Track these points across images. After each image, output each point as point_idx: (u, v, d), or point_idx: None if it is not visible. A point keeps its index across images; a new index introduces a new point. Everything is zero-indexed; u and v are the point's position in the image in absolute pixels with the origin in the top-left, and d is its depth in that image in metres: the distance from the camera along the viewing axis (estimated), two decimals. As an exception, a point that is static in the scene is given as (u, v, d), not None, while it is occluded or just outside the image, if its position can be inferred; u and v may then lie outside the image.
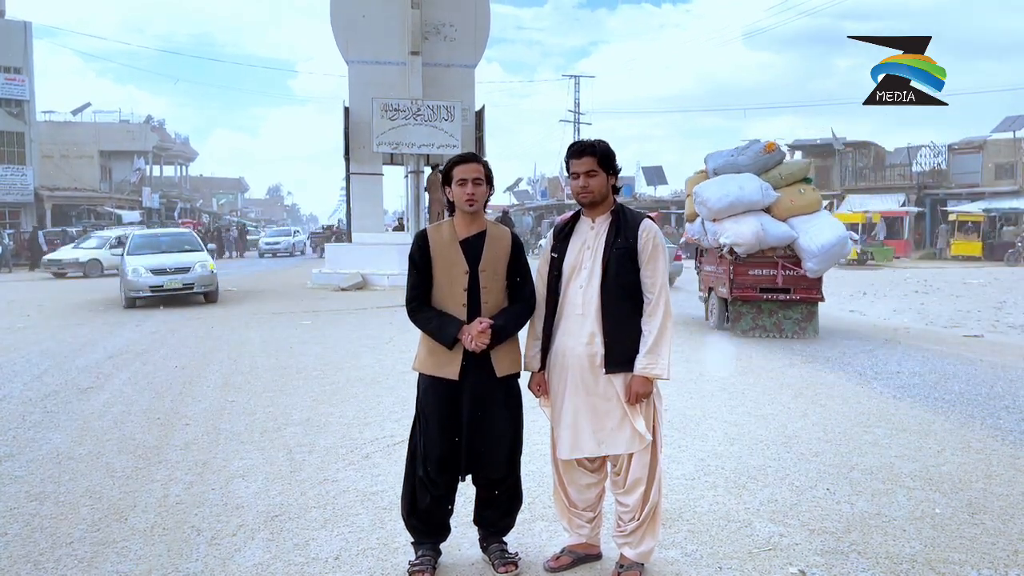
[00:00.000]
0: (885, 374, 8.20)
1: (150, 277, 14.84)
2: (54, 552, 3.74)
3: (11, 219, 37.15)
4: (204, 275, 15.37)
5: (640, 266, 3.25)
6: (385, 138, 18.81)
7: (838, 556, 3.60)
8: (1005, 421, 6.18)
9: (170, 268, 15.08)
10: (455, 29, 20.34)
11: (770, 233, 10.11)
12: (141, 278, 14.78)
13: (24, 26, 38.52)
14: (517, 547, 3.59)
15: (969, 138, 42.03)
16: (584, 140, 3.41)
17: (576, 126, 51.32)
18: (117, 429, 5.97)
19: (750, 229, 10.00)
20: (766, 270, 10.34)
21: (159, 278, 14.88)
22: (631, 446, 3.26)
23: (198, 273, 15.26)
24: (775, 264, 10.30)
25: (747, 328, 10.62)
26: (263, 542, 3.81)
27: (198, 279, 15.23)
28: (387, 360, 8.77)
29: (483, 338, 3.23)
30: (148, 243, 16.82)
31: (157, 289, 14.82)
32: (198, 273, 15.26)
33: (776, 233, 10.14)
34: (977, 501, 4.33)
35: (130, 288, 14.82)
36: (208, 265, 15.59)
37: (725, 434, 5.69)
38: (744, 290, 10.44)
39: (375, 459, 5.09)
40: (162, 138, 53.83)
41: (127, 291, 14.91)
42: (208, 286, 15.47)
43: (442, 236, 3.37)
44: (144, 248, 16.25)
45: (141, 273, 14.84)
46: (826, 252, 10.04)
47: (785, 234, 10.16)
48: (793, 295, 10.40)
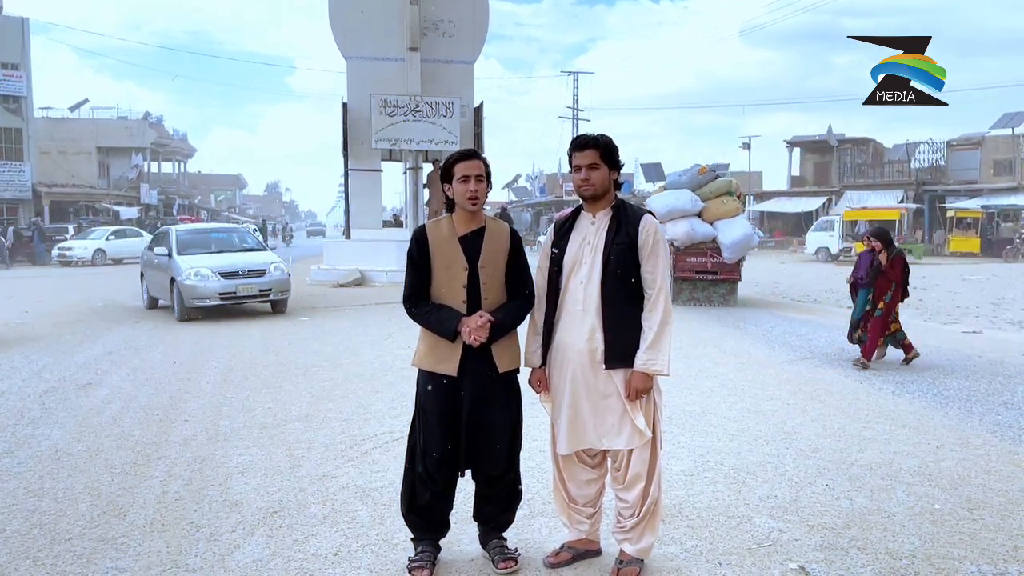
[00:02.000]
0: (884, 370, 8.21)
1: (218, 281, 12.08)
2: (53, 548, 3.73)
3: (9, 215, 37.11)
4: (281, 279, 12.81)
5: (641, 262, 3.24)
6: (384, 134, 18.77)
7: (837, 552, 3.60)
8: (1004, 417, 6.19)
9: (243, 271, 12.48)
10: (454, 25, 20.29)
11: (697, 232, 13.81)
12: (207, 282, 11.99)
13: (21, 22, 38.42)
14: (517, 543, 3.59)
15: (968, 134, 42.09)
16: (587, 134, 3.41)
17: (575, 123, 51.29)
18: (116, 425, 5.96)
19: (682, 229, 13.75)
20: (699, 258, 14.00)
21: (231, 282, 12.18)
22: (631, 442, 3.26)
23: (275, 277, 12.69)
24: (706, 253, 13.95)
25: (685, 300, 14.05)
26: (262, 538, 3.80)
27: (275, 284, 12.69)
28: (386, 356, 8.76)
29: (482, 332, 3.22)
30: (198, 240, 13.75)
31: (228, 296, 12.20)
32: (275, 277, 12.69)
33: (702, 231, 13.85)
34: (976, 497, 4.34)
35: (192, 295, 11.93)
36: (283, 267, 13.09)
37: (724, 430, 5.70)
38: (684, 272, 14.06)
39: (374, 455, 5.09)
40: (160, 135, 53.73)
41: (187, 298, 11.94)
42: (284, 292, 12.90)
43: (441, 232, 3.36)
44: (194, 247, 13.20)
45: (207, 276, 12.02)
46: (736, 245, 13.74)
47: (708, 232, 13.86)
48: (719, 276, 14.06)
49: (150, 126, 51.06)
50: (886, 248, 8.51)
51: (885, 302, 8.40)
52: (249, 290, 12.42)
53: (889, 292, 8.43)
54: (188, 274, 12.04)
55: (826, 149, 44.52)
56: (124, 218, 39.90)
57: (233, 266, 12.55)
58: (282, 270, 12.95)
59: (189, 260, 12.41)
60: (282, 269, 12.97)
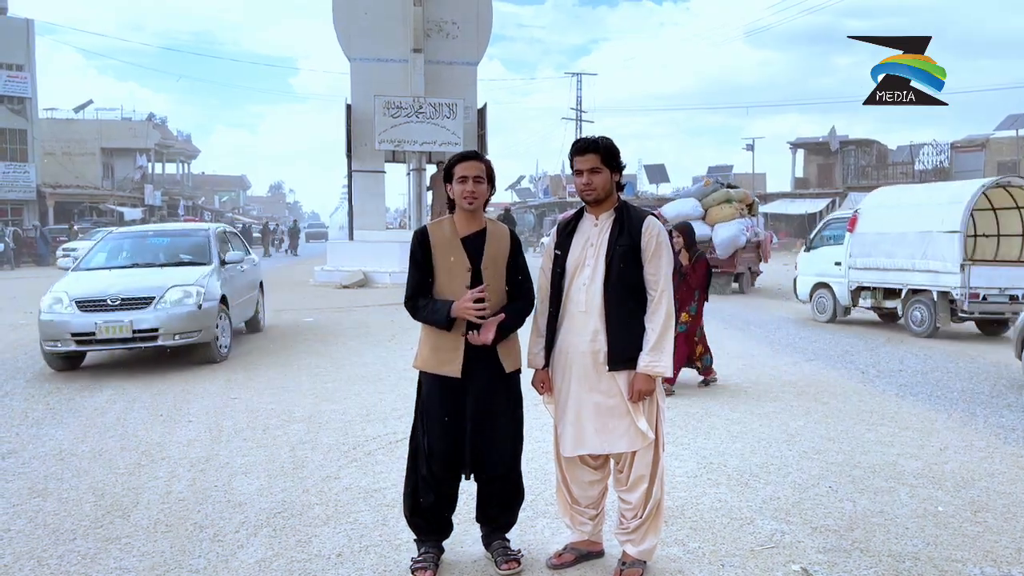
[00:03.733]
0: (887, 372, 8.20)
1: (73, 316, 8.00)
2: (57, 548, 3.74)
3: (13, 216, 37.22)
4: (180, 315, 8.14)
5: (643, 263, 3.25)
6: (387, 136, 18.81)
7: (840, 554, 3.60)
8: (1008, 419, 6.18)
9: (113, 299, 8.09)
10: (457, 26, 20.32)
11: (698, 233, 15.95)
12: (59, 317, 8.01)
13: (26, 23, 38.56)
14: (519, 544, 3.59)
15: (972, 136, 42.00)
16: (588, 137, 3.40)
17: (578, 124, 51.28)
18: (120, 426, 5.98)
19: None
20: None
21: (89, 317, 7.97)
22: (634, 444, 3.26)
23: (170, 311, 8.10)
24: (709, 250, 15.98)
25: None
26: (265, 539, 3.81)
27: (170, 322, 8.07)
28: (389, 357, 8.77)
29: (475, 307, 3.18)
30: (125, 249, 9.75)
31: (85, 339, 7.97)
32: (170, 311, 8.10)
33: (701, 232, 15.89)
34: (980, 499, 4.33)
35: (45, 335, 8.08)
36: (198, 293, 8.38)
37: (728, 432, 5.69)
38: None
39: (377, 456, 5.10)
40: (164, 135, 53.83)
41: (42, 340, 8.17)
42: (188, 333, 8.21)
43: (443, 233, 3.37)
44: (116, 259, 9.46)
45: (59, 309, 8.07)
46: (725, 243, 16.83)
47: (706, 233, 16.65)
48: (719, 269, 16.11)
49: (154, 127, 51.18)
50: (688, 248, 7.06)
51: (690, 314, 7.00)
52: (115, 331, 7.92)
53: (693, 303, 7.03)
54: (47, 304, 8.20)
55: (830, 150, 44.42)
56: (128, 219, 39.93)
57: (104, 292, 8.21)
58: (193, 297, 8.30)
59: (71, 281, 8.70)
60: (193, 295, 8.31)
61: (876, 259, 11.54)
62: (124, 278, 8.69)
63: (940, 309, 10.66)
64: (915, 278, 10.97)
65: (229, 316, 9.10)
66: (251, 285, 10.79)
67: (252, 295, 10.74)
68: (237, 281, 9.88)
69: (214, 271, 9.08)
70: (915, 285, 11.01)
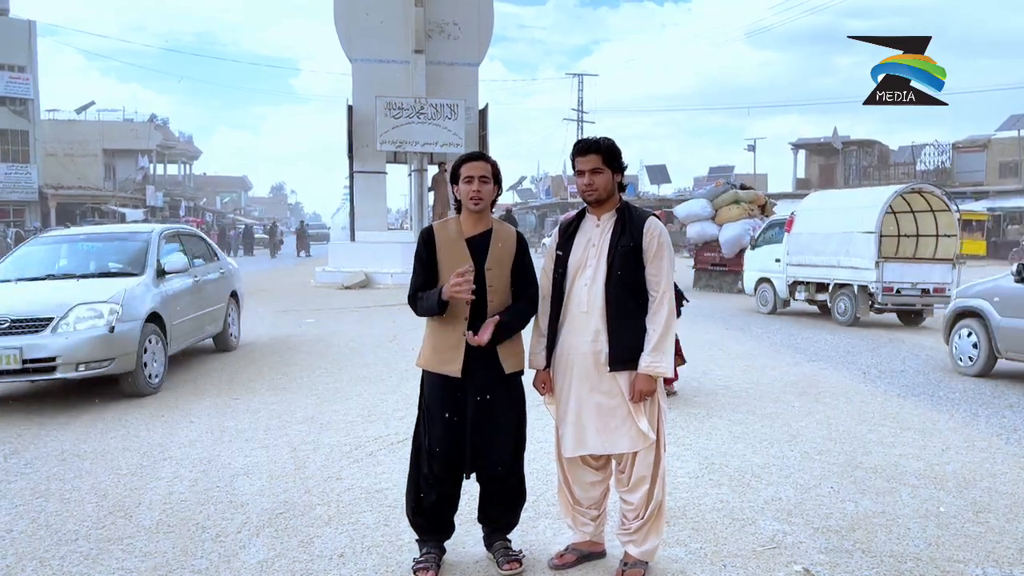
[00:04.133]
0: (889, 372, 8.20)
1: None
2: (59, 549, 3.75)
3: (15, 217, 37.27)
4: (86, 339, 6.49)
5: (645, 264, 3.25)
6: (388, 136, 18.79)
7: (842, 554, 3.60)
8: (1010, 419, 6.17)
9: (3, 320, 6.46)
10: (459, 27, 20.30)
11: (707, 232, 18.14)
12: None
13: (28, 24, 38.64)
14: (521, 545, 3.60)
15: (973, 136, 41.98)
16: (589, 137, 3.40)
17: (580, 124, 51.30)
18: (121, 426, 5.98)
19: (695, 230, 18.48)
20: (712, 253, 18.31)
21: None
22: (635, 444, 3.26)
23: (72, 338, 6.45)
24: (716, 249, 17.93)
25: (703, 287, 18.58)
26: (268, 539, 3.82)
27: (73, 350, 6.44)
28: (391, 358, 8.78)
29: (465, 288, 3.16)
30: (42, 257, 8.18)
31: None
32: (72, 338, 6.45)
33: (710, 232, 18.03)
34: (982, 500, 4.33)
35: None
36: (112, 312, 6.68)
37: (729, 432, 5.69)
38: (702, 264, 18.99)
39: (379, 457, 5.10)
40: (165, 137, 53.87)
41: None
42: (100, 363, 6.58)
43: (449, 233, 3.38)
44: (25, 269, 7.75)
45: None
46: (730, 242, 17.30)
47: (714, 233, 17.87)
48: (726, 268, 17.76)
49: (156, 128, 51.23)
50: None
51: None
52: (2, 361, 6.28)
53: None
54: None
55: (831, 151, 44.45)
56: (130, 220, 39.95)
57: None
58: (103, 318, 6.63)
59: None
60: (103, 315, 6.64)
61: (808, 257, 13.03)
62: (21, 294, 7.03)
63: (860, 301, 12.08)
64: (839, 274, 12.44)
65: (165, 339, 7.41)
66: (216, 297, 9.09)
67: (217, 308, 9.07)
68: (190, 294, 8.25)
69: (144, 284, 7.35)
70: (840, 280, 12.48)
